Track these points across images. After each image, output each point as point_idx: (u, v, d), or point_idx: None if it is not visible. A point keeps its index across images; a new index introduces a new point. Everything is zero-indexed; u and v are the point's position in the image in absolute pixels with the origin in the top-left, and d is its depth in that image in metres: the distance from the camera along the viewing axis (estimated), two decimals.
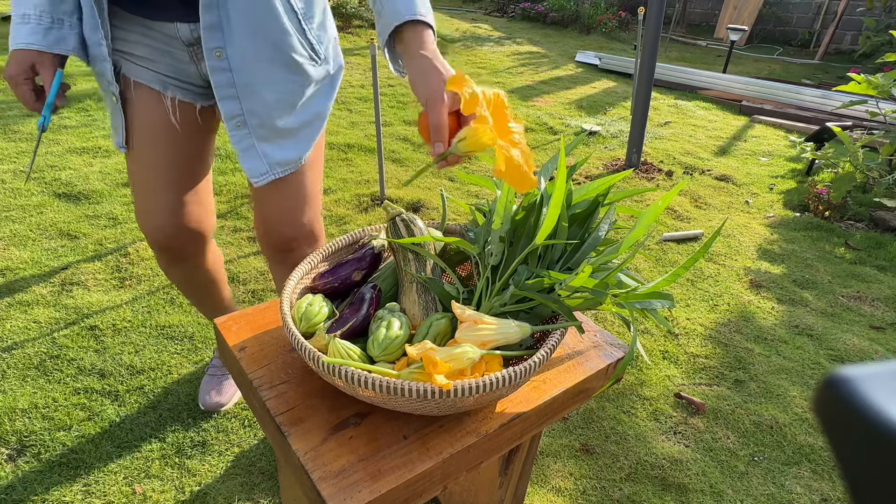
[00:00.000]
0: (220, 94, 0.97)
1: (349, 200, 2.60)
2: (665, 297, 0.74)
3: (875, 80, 2.72)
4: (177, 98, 1.03)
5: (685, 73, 5.46)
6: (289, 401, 0.74)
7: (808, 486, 1.39)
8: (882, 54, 3.89)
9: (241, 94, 0.97)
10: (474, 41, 6.61)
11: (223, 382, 1.48)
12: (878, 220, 2.80)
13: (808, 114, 4.53)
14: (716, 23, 8.87)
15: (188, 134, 1.07)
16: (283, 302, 0.74)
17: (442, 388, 0.61)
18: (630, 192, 0.83)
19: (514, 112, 0.93)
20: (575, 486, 1.35)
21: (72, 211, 2.25)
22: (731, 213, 2.89)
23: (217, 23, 0.91)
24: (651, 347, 1.83)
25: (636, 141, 3.19)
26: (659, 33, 2.94)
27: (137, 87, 1.01)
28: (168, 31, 0.96)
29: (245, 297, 1.89)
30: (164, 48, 0.98)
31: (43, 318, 1.69)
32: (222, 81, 0.95)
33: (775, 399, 1.65)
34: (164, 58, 0.99)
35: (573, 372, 0.84)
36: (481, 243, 0.82)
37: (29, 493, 1.22)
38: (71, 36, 0.94)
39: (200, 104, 1.06)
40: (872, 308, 2.14)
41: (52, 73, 0.95)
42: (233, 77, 0.95)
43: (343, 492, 0.63)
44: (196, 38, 0.96)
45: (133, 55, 0.99)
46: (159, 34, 0.97)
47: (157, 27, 0.96)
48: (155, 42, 0.98)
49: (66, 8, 0.93)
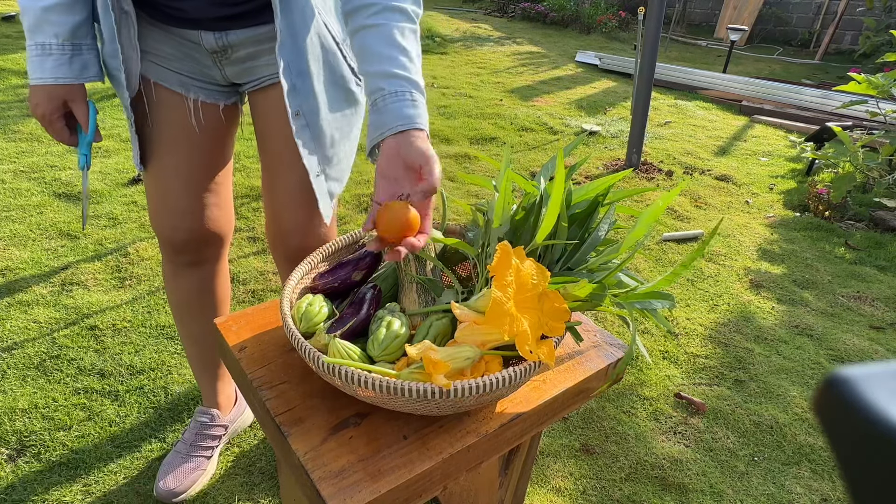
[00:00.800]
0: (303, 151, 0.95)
1: (349, 200, 2.60)
2: (665, 297, 0.74)
3: (875, 80, 2.72)
4: (199, 99, 1.00)
5: (685, 73, 5.46)
6: (289, 401, 0.74)
7: (808, 486, 1.39)
8: (882, 54, 3.89)
9: (317, 145, 0.97)
10: (474, 41, 6.61)
11: (186, 465, 1.26)
12: (878, 220, 2.80)
13: (808, 114, 4.53)
14: (716, 23, 8.87)
15: (210, 135, 1.04)
16: (283, 302, 0.74)
17: (442, 388, 0.61)
18: (630, 192, 0.83)
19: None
20: (575, 486, 1.35)
21: (72, 211, 2.25)
22: (731, 213, 2.89)
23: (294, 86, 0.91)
24: (651, 347, 1.83)
25: (636, 141, 3.19)
26: (659, 33, 2.94)
27: (158, 88, 0.98)
28: (191, 37, 0.94)
29: (245, 297, 1.89)
30: (185, 51, 0.96)
31: (43, 318, 1.69)
32: (305, 138, 0.95)
33: (775, 399, 1.65)
34: (186, 60, 0.97)
35: (573, 372, 0.84)
36: (480, 244, 0.82)
37: (29, 493, 1.22)
38: (92, 61, 0.90)
39: (224, 103, 1.04)
40: (872, 308, 2.14)
41: (85, 106, 0.92)
42: (309, 132, 0.96)
43: (343, 492, 0.63)
44: (221, 47, 0.94)
45: (152, 54, 0.96)
46: (181, 39, 0.95)
47: (179, 33, 0.94)
48: (177, 45, 0.95)
49: (83, 31, 0.88)
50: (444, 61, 5.60)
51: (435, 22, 7.01)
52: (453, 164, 3.12)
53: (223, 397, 1.35)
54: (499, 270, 0.66)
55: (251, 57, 0.97)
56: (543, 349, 0.67)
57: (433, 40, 6.20)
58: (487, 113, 4.04)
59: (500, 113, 4.06)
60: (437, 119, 3.82)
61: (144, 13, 0.92)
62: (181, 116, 1.00)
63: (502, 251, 0.67)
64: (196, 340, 1.25)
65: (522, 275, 0.68)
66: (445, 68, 5.32)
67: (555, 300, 0.70)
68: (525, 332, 0.65)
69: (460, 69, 5.34)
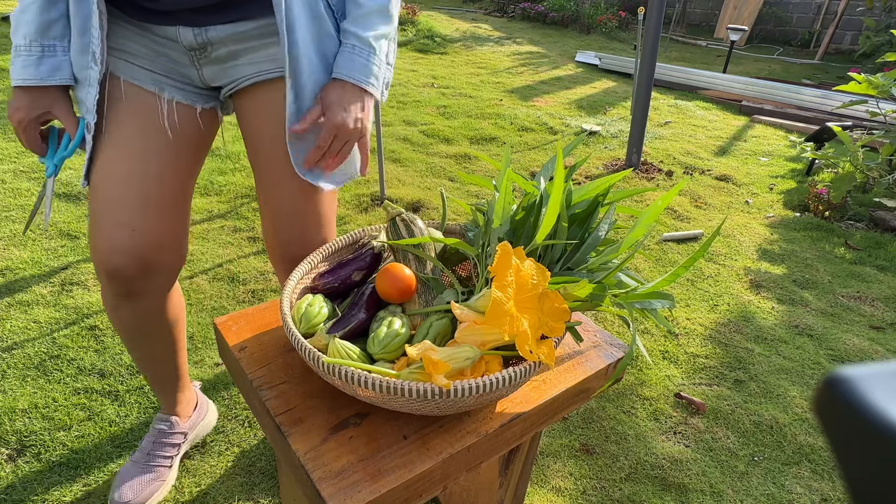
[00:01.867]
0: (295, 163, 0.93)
1: (349, 200, 2.60)
2: (665, 297, 0.74)
3: (875, 80, 2.72)
4: (175, 99, 0.92)
5: (685, 73, 5.46)
6: (289, 401, 0.74)
7: (808, 486, 1.39)
8: (882, 54, 3.89)
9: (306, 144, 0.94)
10: (474, 41, 6.61)
11: (144, 475, 1.18)
12: (878, 220, 2.80)
13: (808, 114, 4.53)
14: (716, 23, 8.87)
15: (183, 143, 0.94)
16: (283, 302, 0.74)
17: (442, 388, 0.61)
18: (630, 192, 0.83)
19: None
20: (575, 486, 1.35)
21: (72, 211, 2.25)
22: (731, 213, 2.89)
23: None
24: (651, 347, 1.83)
25: (636, 141, 3.19)
26: (659, 33, 2.94)
27: (128, 86, 0.89)
28: (167, 34, 0.88)
29: (245, 297, 1.89)
30: (160, 49, 0.90)
31: (43, 318, 1.69)
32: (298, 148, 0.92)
33: (775, 399, 1.65)
34: (160, 58, 0.90)
35: (573, 372, 0.84)
36: (480, 244, 0.82)
37: (29, 493, 1.22)
38: (66, 64, 0.85)
39: (201, 106, 0.96)
40: (872, 308, 2.14)
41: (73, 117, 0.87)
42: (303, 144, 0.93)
43: (343, 492, 0.63)
44: (200, 44, 0.88)
45: (122, 51, 0.89)
46: (156, 37, 0.89)
47: (154, 30, 0.88)
48: (149, 42, 0.89)
49: (55, 32, 0.83)
50: (444, 61, 5.60)
51: (435, 22, 7.01)
52: (453, 164, 3.12)
53: (182, 404, 1.26)
54: (499, 270, 0.66)
55: (232, 56, 0.91)
56: (543, 349, 0.67)
57: (433, 40, 6.20)
58: (487, 113, 4.04)
59: (500, 113, 4.06)
60: (437, 119, 3.82)
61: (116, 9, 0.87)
62: (149, 119, 0.90)
63: (502, 251, 0.67)
64: (148, 364, 1.13)
65: (522, 275, 0.68)
66: (445, 68, 5.32)
67: (555, 300, 0.70)
68: (525, 332, 0.65)
69: (460, 69, 5.34)
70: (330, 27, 0.90)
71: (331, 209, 1.06)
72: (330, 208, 1.05)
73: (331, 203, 1.05)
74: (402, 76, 4.82)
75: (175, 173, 0.93)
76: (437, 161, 3.13)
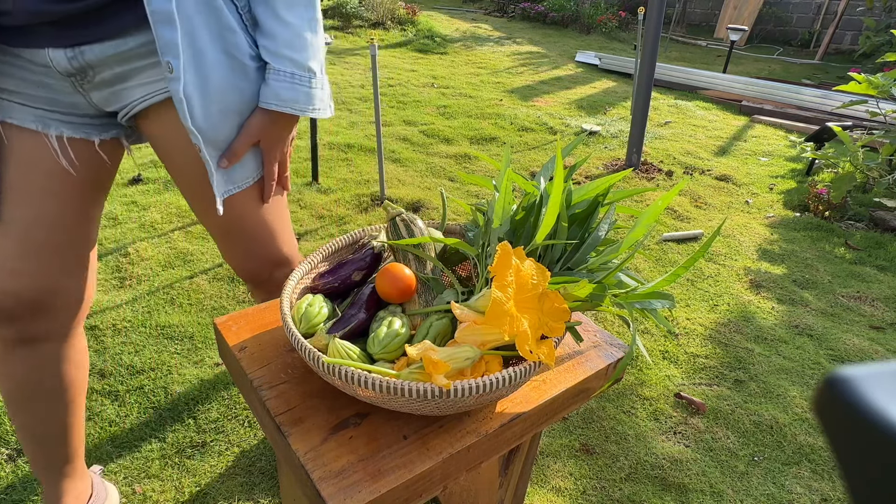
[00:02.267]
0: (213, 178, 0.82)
1: (349, 200, 2.60)
2: (665, 297, 0.74)
3: (875, 80, 2.72)
4: (64, 135, 0.80)
5: (685, 73, 5.46)
6: (289, 401, 0.74)
7: (808, 486, 1.39)
8: (882, 54, 3.89)
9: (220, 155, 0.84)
10: (474, 41, 6.61)
11: None
12: (878, 220, 2.80)
13: (808, 114, 4.53)
14: (716, 23, 8.87)
15: (82, 178, 0.84)
16: (283, 302, 0.74)
17: (442, 388, 0.61)
18: (630, 192, 0.83)
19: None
20: (575, 486, 1.35)
21: None
22: (731, 213, 2.89)
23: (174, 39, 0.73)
24: (651, 347, 1.83)
25: (636, 141, 3.19)
26: (659, 33, 2.94)
27: (8, 129, 0.78)
28: (38, 58, 0.74)
29: (245, 297, 1.89)
30: (34, 79, 0.76)
31: None
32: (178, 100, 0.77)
33: (775, 399, 1.65)
34: (40, 89, 0.77)
35: (573, 372, 0.84)
36: (480, 244, 0.82)
37: (29, 492, 1.22)
38: None
39: (99, 138, 0.84)
40: (872, 308, 2.14)
41: None
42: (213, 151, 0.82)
43: (343, 492, 0.63)
44: (78, 69, 0.75)
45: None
46: (26, 63, 0.75)
47: (21, 55, 0.74)
48: (25, 73, 0.76)
49: None
50: (444, 61, 5.60)
51: (435, 22, 7.02)
52: (453, 164, 3.12)
53: (70, 496, 1.06)
54: (499, 270, 0.67)
55: (120, 79, 0.78)
56: (543, 349, 0.67)
57: (433, 40, 6.20)
58: (487, 113, 4.04)
59: (500, 113, 4.06)
60: (437, 119, 3.82)
61: None
62: (38, 160, 0.80)
63: (502, 251, 0.67)
64: (35, 437, 0.96)
65: (522, 275, 0.68)
66: (445, 68, 5.32)
67: (555, 300, 0.70)
68: (525, 332, 0.65)
69: (460, 69, 5.34)
70: (230, 20, 0.77)
71: (277, 218, 0.96)
72: (276, 217, 0.95)
73: (276, 212, 0.95)
74: (402, 76, 4.82)
75: (73, 214, 0.85)
76: (437, 161, 3.13)
